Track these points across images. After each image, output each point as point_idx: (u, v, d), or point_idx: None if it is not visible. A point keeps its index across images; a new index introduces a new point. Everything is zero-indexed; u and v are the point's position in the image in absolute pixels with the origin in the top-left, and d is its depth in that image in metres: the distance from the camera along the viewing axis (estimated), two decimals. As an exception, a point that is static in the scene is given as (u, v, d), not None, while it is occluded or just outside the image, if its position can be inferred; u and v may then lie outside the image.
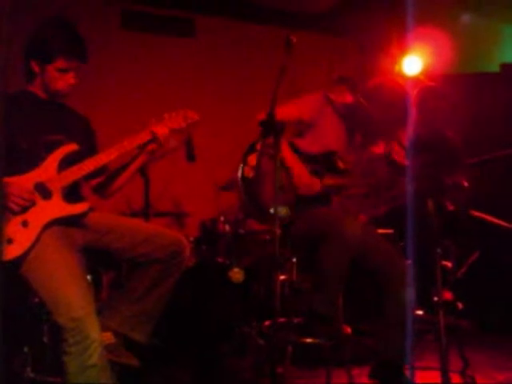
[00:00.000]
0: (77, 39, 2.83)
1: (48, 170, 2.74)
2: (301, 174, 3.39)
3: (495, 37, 6.32)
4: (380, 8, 5.99)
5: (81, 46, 2.83)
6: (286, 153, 3.32)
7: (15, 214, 2.63)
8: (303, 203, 3.41)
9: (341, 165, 3.49)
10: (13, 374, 3.28)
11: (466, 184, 3.92)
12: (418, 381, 3.33)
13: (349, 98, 3.58)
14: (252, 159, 3.43)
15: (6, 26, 1.40)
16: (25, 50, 2.84)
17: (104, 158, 2.84)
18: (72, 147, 2.83)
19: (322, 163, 3.48)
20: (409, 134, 3.56)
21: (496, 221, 3.89)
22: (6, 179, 2.58)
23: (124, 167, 3.06)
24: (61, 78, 2.81)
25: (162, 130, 2.95)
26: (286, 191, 3.33)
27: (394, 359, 3.22)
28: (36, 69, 2.82)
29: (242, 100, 6.08)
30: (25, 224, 2.64)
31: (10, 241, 2.57)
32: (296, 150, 3.44)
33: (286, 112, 3.39)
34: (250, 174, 3.39)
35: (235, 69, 6.32)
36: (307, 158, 3.47)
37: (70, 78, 2.83)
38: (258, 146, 3.46)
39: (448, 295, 3.75)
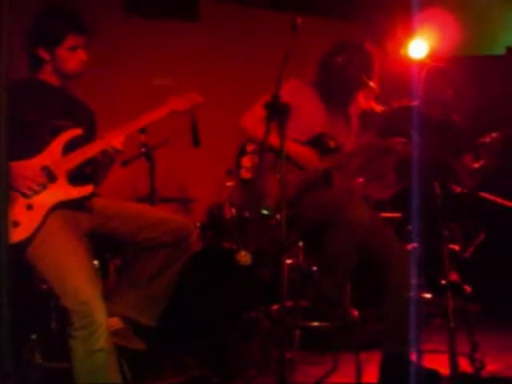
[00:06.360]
0: (77, 16, 2.90)
1: (53, 153, 2.76)
2: (298, 150, 3.38)
3: (502, 19, 6.27)
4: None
5: (83, 21, 2.90)
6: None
7: (27, 197, 2.65)
8: (306, 191, 3.41)
9: (332, 144, 3.48)
10: (21, 361, 3.30)
11: (474, 166, 3.91)
12: (425, 364, 3.32)
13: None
14: (245, 161, 3.45)
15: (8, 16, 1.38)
16: (29, 40, 2.88)
17: (108, 142, 2.83)
18: (76, 132, 2.85)
19: (313, 147, 3.47)
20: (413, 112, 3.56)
21: (505, 202, 3.88)
22: (12, 163, 2.60)
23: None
24: (72, 56, 2.85)
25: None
26: (288, 183, 3.32)
27: (398, 350, 3.21)
28: (45, 55, 2.86)
29: (248, 85, 6.04)
30: (30, 207, 2.65)
31: (16, 224, 2.59)
32: None
33: (259, 111, 3.36)
34: (247, 175, 3.42)
35: (241, 53, 6.29)
36: None
37: (81, 55, 2.87)
38: (249, 148, 3.47)
39: (455, 277, 3.74)
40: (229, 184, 4.62)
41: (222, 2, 6.30)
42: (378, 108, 3.63)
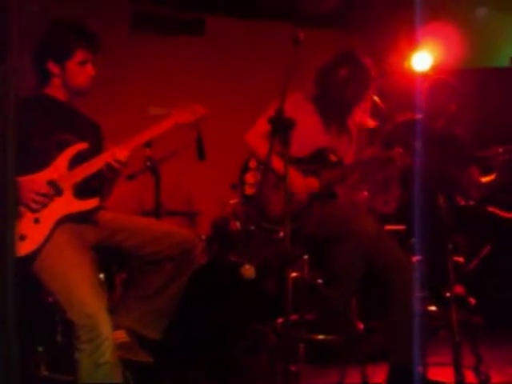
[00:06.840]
0: (88, 32, 2.93)
1: (59, 168, 2.79)
2: (294, 177, 3.35)
3: (505, 31, 6.29)
4: (389, 3, 5.99)
5: (93, 37, 2.94)
6: (276, 163, 3.21)
7: (34, 211, 2.67)
8: (310, 204, 3.41)
9: (333, 158, 3.51)
10: (27, 373, 3.30)
11: (481, 180, 3.93)
12: (431, 377, 3.32)
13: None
14: (249, 177, 3.47)
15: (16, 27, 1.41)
16: (39, 53, 2.91)
17: (112, 156, 2.84)
18: (82, 146, 2.87)
19: (314, 162, 3.49)
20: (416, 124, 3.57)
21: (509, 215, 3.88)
22: (20, 178, 2.63)
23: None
24: (81, 71, 2.89)
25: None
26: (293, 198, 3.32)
27: (405, 362, 3.20)
28: (55, 69, 2.89)
29: (252, 98, 6.07)
30: (37, 221, 2.68)
31: (22, 237, 2.61)
32: None
33: (261, 128, 3.39)
34: (251, 191, 3.44)
35: (246, 67, 6.32)
36: (298, 161, 3.45)
37: (89, 70, 2.91)
38: (252, 164, 3.49)
39: (460, 289, 3.74)
40: (232, 202, 4.64)
41: (227, 16, 6.34)
42: (372, 123, 3.64)
